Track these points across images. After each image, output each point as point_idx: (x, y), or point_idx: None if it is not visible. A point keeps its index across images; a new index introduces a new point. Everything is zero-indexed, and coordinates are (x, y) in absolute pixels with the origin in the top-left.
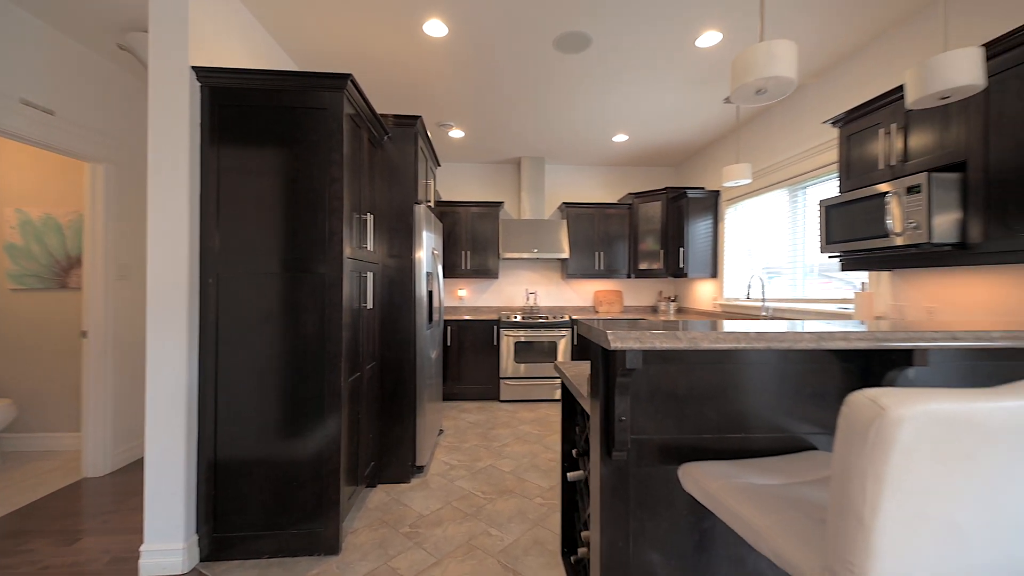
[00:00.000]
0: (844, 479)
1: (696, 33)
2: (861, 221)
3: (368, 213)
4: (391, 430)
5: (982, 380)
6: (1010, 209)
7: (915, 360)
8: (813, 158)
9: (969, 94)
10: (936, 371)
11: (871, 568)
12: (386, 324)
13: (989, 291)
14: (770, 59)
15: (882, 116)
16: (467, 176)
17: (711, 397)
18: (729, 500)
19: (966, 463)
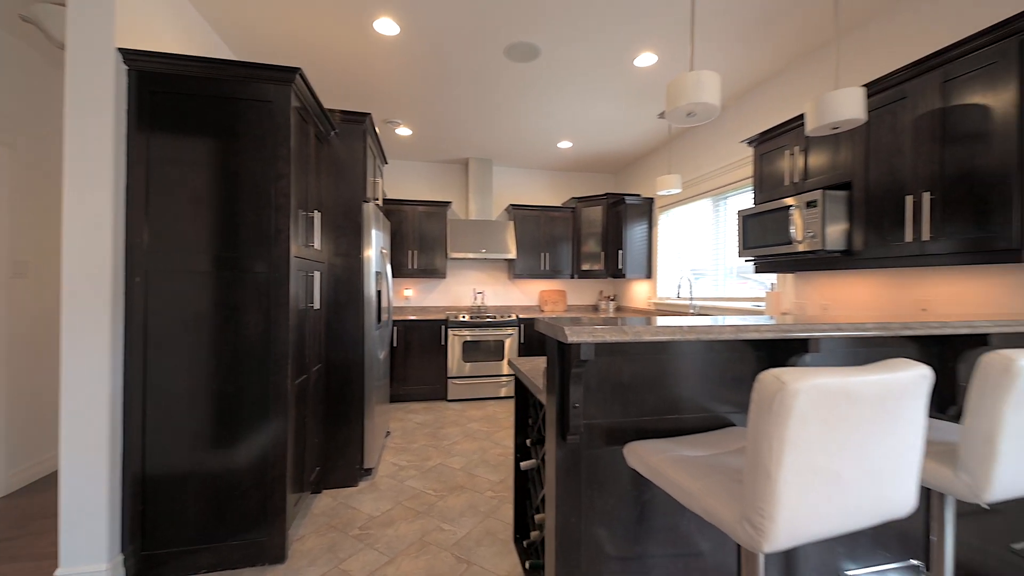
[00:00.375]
0: (756, 442)
1: (635, 53)
2: (771, 230)
3: (315, 211)
4: (338, 433)
5: (860, 361)
6: (884, 223)
7: (810, 347)
8: (733, 172)
9: (854, 126)
10: (826, 355)
11: (776, 512)
12: (333, 325)
13: (868, 290)
14: (699, 87)
15: (788, 139)
16: (414, 174)
17: (650, 384)
18: (667, 471)
19: (843, 424)
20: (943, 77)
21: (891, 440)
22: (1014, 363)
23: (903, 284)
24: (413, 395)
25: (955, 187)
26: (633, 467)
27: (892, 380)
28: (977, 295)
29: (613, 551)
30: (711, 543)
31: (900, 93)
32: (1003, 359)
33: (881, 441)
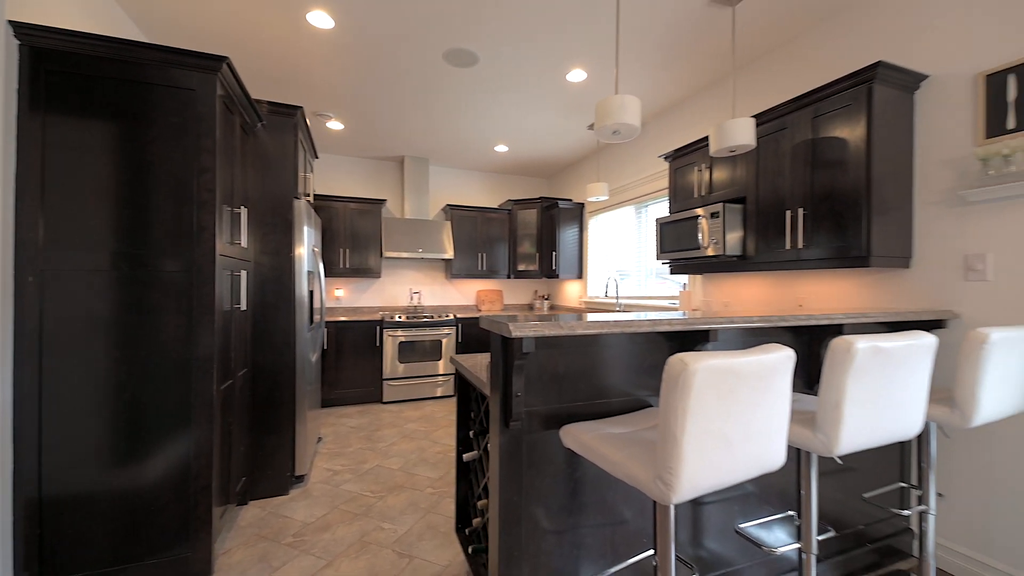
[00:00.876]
0: (665, 413)
1: (567, 69)
2: (683, 236)
3: (242, 207)
4: (266, 441)
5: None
6: (769, 232)
7: (711, 337)
8: (652, 183)
9: (747, 150)
10: (724, 343)
11: (681, 469)
12: (260, 326)
13: (759, 289)
14: (623, 109)
15: (696, 157)
16: (346, 170)
17: (582, 374)
18: (596, 446)
19: (730, 396)
20: (814, 113)
21: (765, 407)
22: (853, 345)
23: (785, 284)
24: (346, 399)
25: (821, 204)
26: (568, 447)
27: (766, 360)
28: (839, 293)
29: (550, 525)
30: (633, 511)
31: (782, 124)
32: (846, 343)
33: (758, 408)
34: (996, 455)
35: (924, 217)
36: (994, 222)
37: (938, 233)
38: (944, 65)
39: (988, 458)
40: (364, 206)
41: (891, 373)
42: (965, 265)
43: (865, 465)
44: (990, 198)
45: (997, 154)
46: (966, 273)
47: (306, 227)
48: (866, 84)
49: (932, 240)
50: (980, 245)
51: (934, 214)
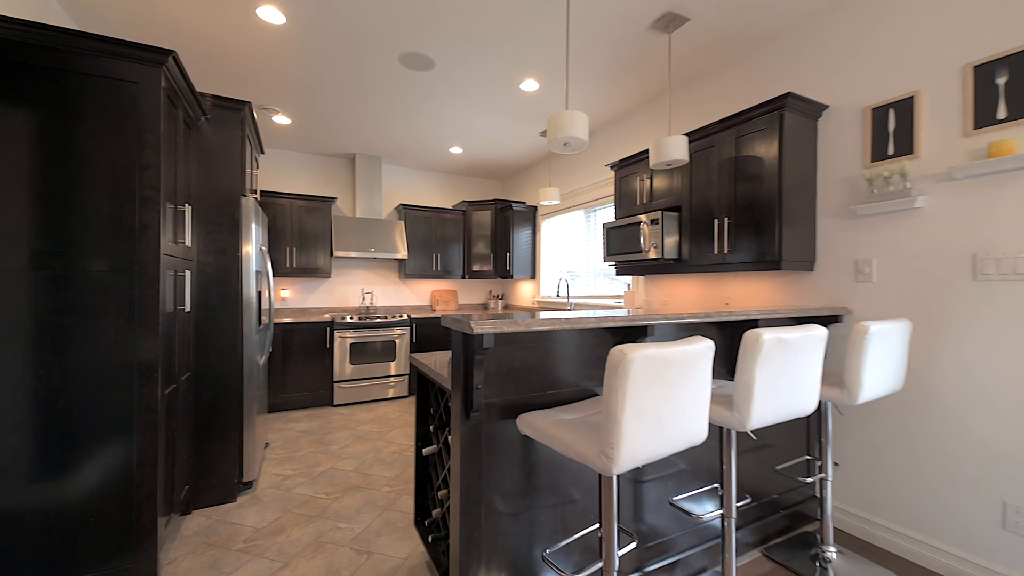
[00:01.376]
0: (608, 396)
1: (520, 79)
2: (627, 240)
3: (186, 204)
4: (210, 447)
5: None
6: (701, 238)
7: (648, 332)
8: (601, 189)
9: (681, 164)
10: (661, 336)
11: (621, 444)
12: (204, 329)
13: (693, 289)
14: (573, 124)
15: (639, 168)
16: (292, 166)
17: (536, 367)
18: (549, 430)
19: (661, 380)
20: (736, 134)
21: (690, 390)
22: (760, 336)
23: (714, 285)
24: (293, 403)
25: (743, 214)
26: (524, 433)
27: (690, 350)
28: (758, 292)
29: (506, 508)
30: (581, 491)
31: (711, 142)
32: (755, 335)
33: (684, 390)
34: (879, 429)
35: (824, 227)
36: (877, 232)
37: (835, 241)
38: (840, 98)
39: (873, 432)
40: (313, 204)
41: (791, 359)
42: (855, 269)
43: (778, 442)
44: (874, 212)
45: (879, 175)
46: (856, 275)
47: (254, 225)
48: (778, 111)
49: (831, 247)
50: (867, 252)
51: (832, 225)
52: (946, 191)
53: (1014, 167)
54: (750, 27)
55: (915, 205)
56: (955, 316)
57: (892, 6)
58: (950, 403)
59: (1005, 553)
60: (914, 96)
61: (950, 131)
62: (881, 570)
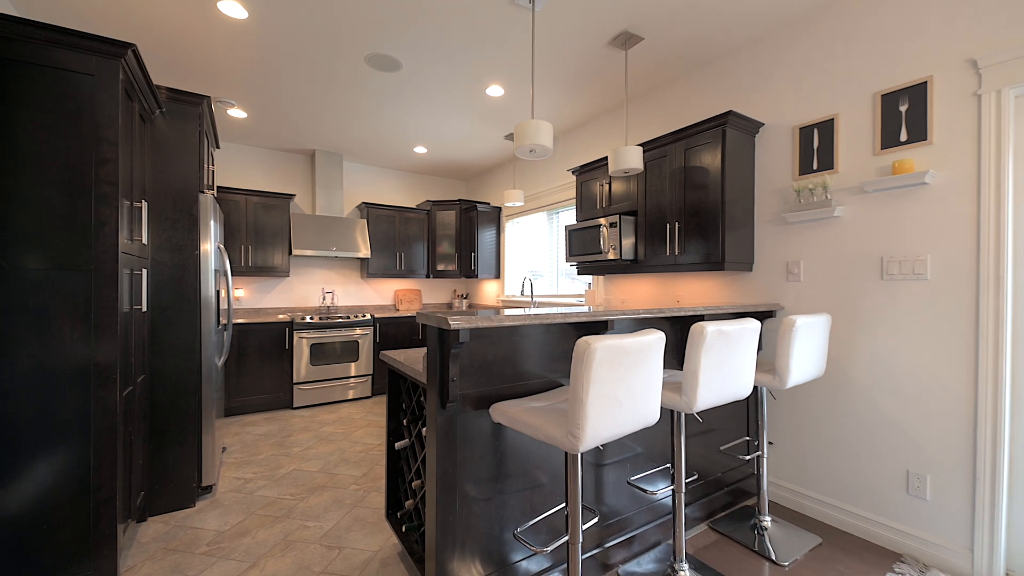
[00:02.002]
0: (574, 382)
1: (486, 84)
2: (588, 242)
3: (143, 200)
4: (167, 451)
5: None
6: (655, 241)
7: (609, 327)
8: (563, 192)
9: (636, 172)
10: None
11: (586, 424)
12: (159, 330)
13: (648, 288)
14: (538, 132)
15: (598, 173)
16: (247, 161)
17: (507, 360)
18: (520, 416)
19: (620, 367)
20: (686, 146)
21: (644, 376)
22: (705, 328)
23: (667, 284)
24: (250, 406)
25: (692, 219)
26: (497, 421)
27: (644, 340)
28: (705, 291)
29: (479, 493)
30: (548, 475)
31: (663, 152)
32: (700, 327)
33: (639, 376)
34: (806, 410)
35: (761, 232)
36: (804, 237)
37: (769, 245)
38: (774, 117)
39: (801, 413)
40: (270, 200)
41: (731, 349)
42: (787, 269)
43: (721, 425)
44: (801, 220)
45: (805, 187)
46: (787, 275)
47: (213, 222)
48: (720, 127)
49: (766, 250)
50: (796, 254)
51: (767, 230)
52: (859, 202)
53: (912, 183)
54: (697, 49)
55: (834, 214)
56: (867, 310)
57: (813, 38)
58: (864, 386)
59: (909, 514)
60: (834, 118)
61: (863, 150)
62: (808, 535)
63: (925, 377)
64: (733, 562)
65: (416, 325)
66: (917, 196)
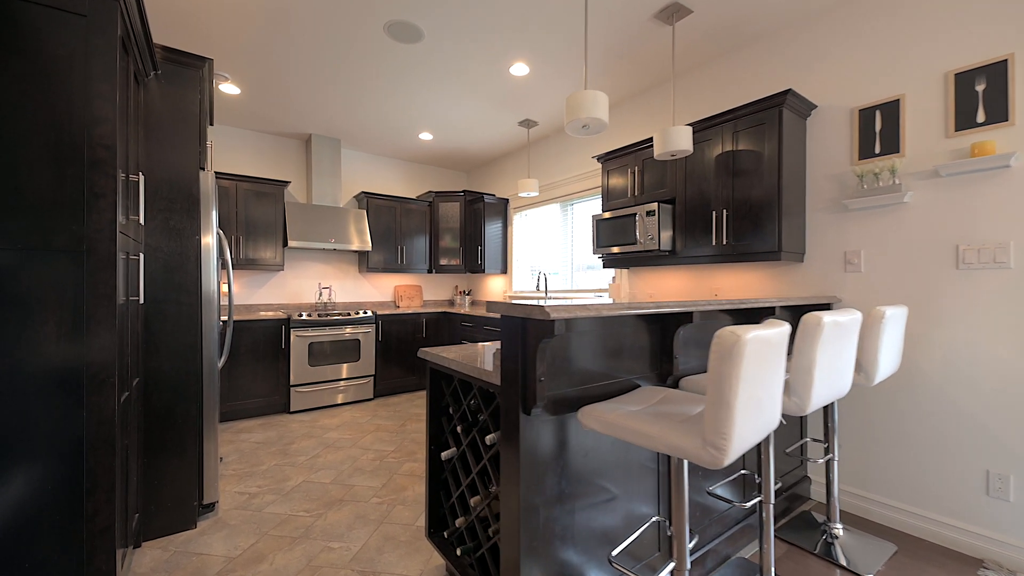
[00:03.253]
0: (718, 382)
1: (511, 61)
2: (619, 232)
3: (139, 173)
4: (165, 465)
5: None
6: (696, 230)
7: (694, 319)
8: (580, 183)
9: (685, 155)
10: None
11: (732, 434)
12: (155, 326)
13: (678, 281)
14: (595, 104)
15: (629, 160)
16: (234, 145)
17: (580, 358)
18: (626, 423)
19: (764, 363)
20: (734, 128)
21: (779, 373)
22: (822, 319)
23: (702, 276)
24: (242, 411)
25: (742, 206)
26: (590, 427)
27: (781, 332)
28: (746, 284)
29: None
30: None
31: (707, 135)
32: (816, 317)
33: (777, 374)
34: (872, 410)
35: (813, 221)
36: (866, 225)
37: (824, 234)
38: (829, 98)
39: (866, 413)
40: (263, 187)
41: (842, 342)
42: (844, 259)
43: (781, 427)
44: (864, 207)
45: (869, 172)
46: (845, 266)
47: (214, 205)
48: (778, 108)
49: (819, 239)
50: (855, 243)
51: (821, 219)
52: (931, 187)
53: (994, 166)
54: (747, 24)
55: (904, 200)
56: (940, 302)
57: (880, 14)
58: (936, 382)
59: (990, 517)
60: (900, 99)
61: (933, 132)
62: (882, 543)
63: (1008, 371)
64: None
65: (420, 323)
66: (999, 180)
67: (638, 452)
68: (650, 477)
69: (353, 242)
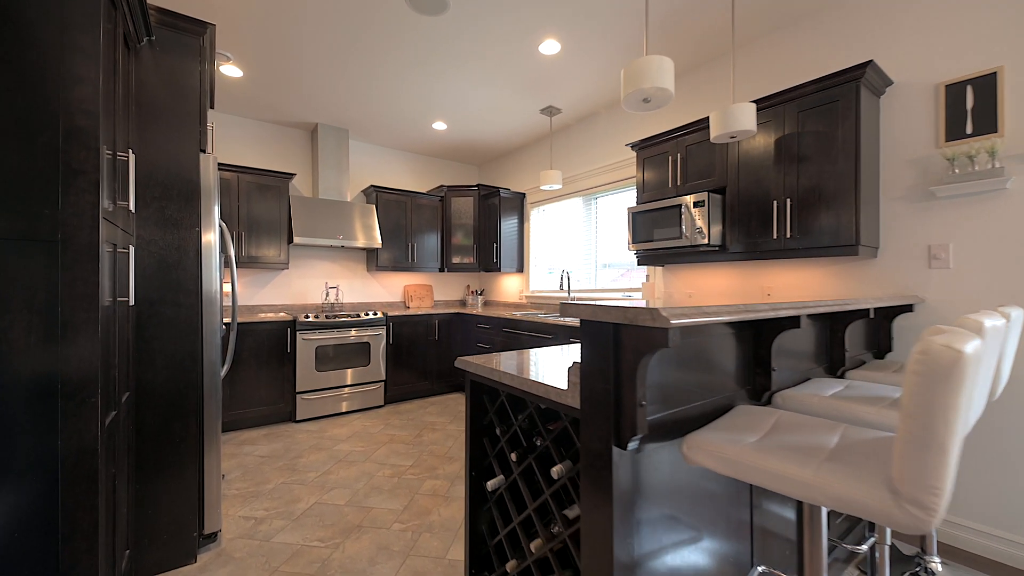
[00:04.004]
0: (926, 415)
1: (541, 38)
2: (661, 225)
3: (129, 151)
4: (159, 491)
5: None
6: (751, 222)
7: (800, 323)
8: (604, 175)
9: (747, 137)
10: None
11: (946, 487)
12: (149, 331)
13: (722, 280)
14: (661, 71)
15: (669, 147)
16: (235, 136)
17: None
18: (763, 464)
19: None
20: (799, 107)
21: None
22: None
23: (751, 274)
24: (245, 421)
25: (809, 195)
26: (699, 463)
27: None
28: (804, 282)
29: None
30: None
31: (765, 117)
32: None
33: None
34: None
35: (888, 211)
36: (956, 215)
37: (902, 225)
38: (908, 73)
39: None
40: (266, 180)
41: (996, 352)
42: (929, 254)
43: None
44: (955, 194)
45: (963, 154)
46: (930, 261)
47: (216, 195)
48: (855, 82)
49: (896, 231)
50: (942, 235)
51: (898, 208)
52: None
53: None
54: None
55: (1006, 186)
56: None
57: None
58: None
59: None
60: (996, 72)
61: None
62: None
63: None
64: None
65: (432, 325)
66: None
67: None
68: (737, 510)
69: (364, 239)
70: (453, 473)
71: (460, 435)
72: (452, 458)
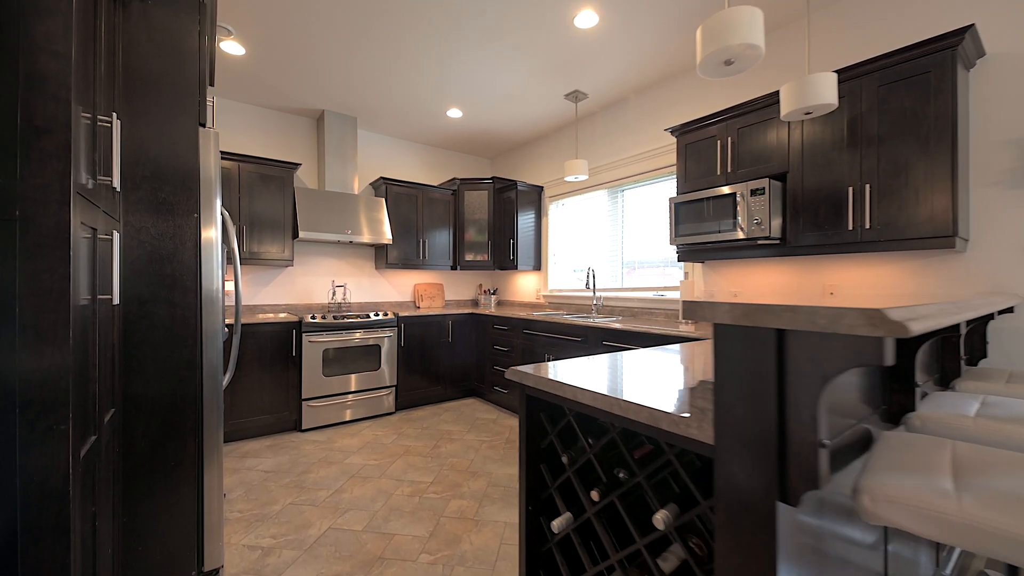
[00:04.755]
0: None
1: (577, 7)
2: (709, 217)
3: (113, 114)
4: (152, 524)
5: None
6: (820, 211)
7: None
8: (632, 165)
9: (826, 111)
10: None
11: None
12: (138, 335)
13: (773, 277)
14: (751, 25)
15: (717, 130)
16: (235, 123)
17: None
18: (995, 522)
19: None
20: (880, 80)
21: None
22: None
23: (807, 270)
24: (247, 430)
25: (893, 180)
26: (890, 521)
27: None
28: (876, 279)
29: None
30: None
31: (840, 92)
32: None
33: None
34: None
35: (981, 198)
36: None
37: (998, 215)
38: (1001, 43)
39: None
40: (269, 170)
41: None
42: None
43: None
44: None
45: None
46: None
47: (217, 177)
48: (950, 50)
49: (991, 221)
50: None
51: (993, 195)
52: None
53: None
54: None
55: None
56: None
57: None
58: None
59: None
60: None
61: None
62: None
63: None
64: None
65: (445, 326)
66: None
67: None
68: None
69: (373, 234)
70: (480, 492)
71: (480, 446)
72: (475, 473)
